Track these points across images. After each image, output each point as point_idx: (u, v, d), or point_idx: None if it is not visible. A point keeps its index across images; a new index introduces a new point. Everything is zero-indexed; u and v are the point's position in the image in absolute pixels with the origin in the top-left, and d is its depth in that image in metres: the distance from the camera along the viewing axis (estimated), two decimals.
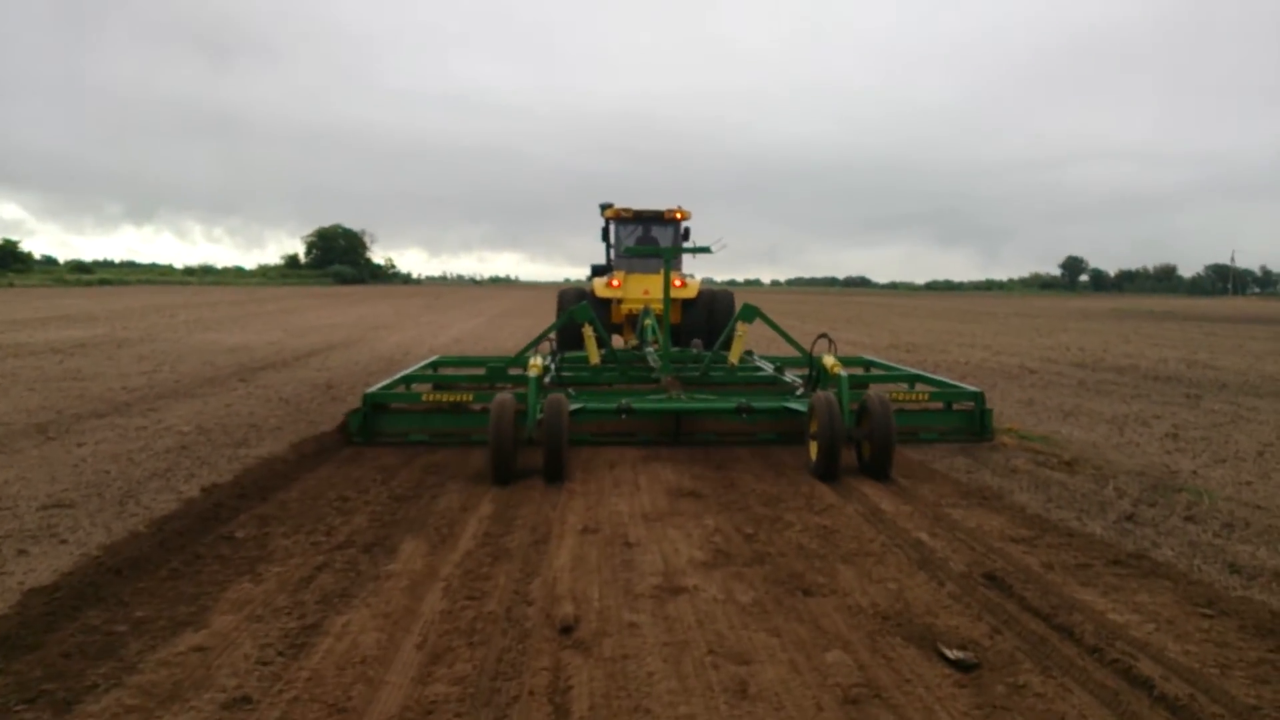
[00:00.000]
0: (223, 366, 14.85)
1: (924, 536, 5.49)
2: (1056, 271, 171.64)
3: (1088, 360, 19.11)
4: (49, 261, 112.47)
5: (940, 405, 9.54)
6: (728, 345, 10.07)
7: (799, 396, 8.78)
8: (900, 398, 9.26)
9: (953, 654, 3.74)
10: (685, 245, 15.18)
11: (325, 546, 5.22)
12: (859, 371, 11.62)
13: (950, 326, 33.35)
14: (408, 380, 10.23)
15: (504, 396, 7.30)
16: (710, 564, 4.98)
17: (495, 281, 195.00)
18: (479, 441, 8.06)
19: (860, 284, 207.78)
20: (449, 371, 11.82)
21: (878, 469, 7.28)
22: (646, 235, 16.38)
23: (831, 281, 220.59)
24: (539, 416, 7.29)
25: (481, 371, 10.94)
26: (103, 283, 77.18)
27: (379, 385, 9.42)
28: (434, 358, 12.65)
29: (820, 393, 7.54)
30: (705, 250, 11.40)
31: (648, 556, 5.09)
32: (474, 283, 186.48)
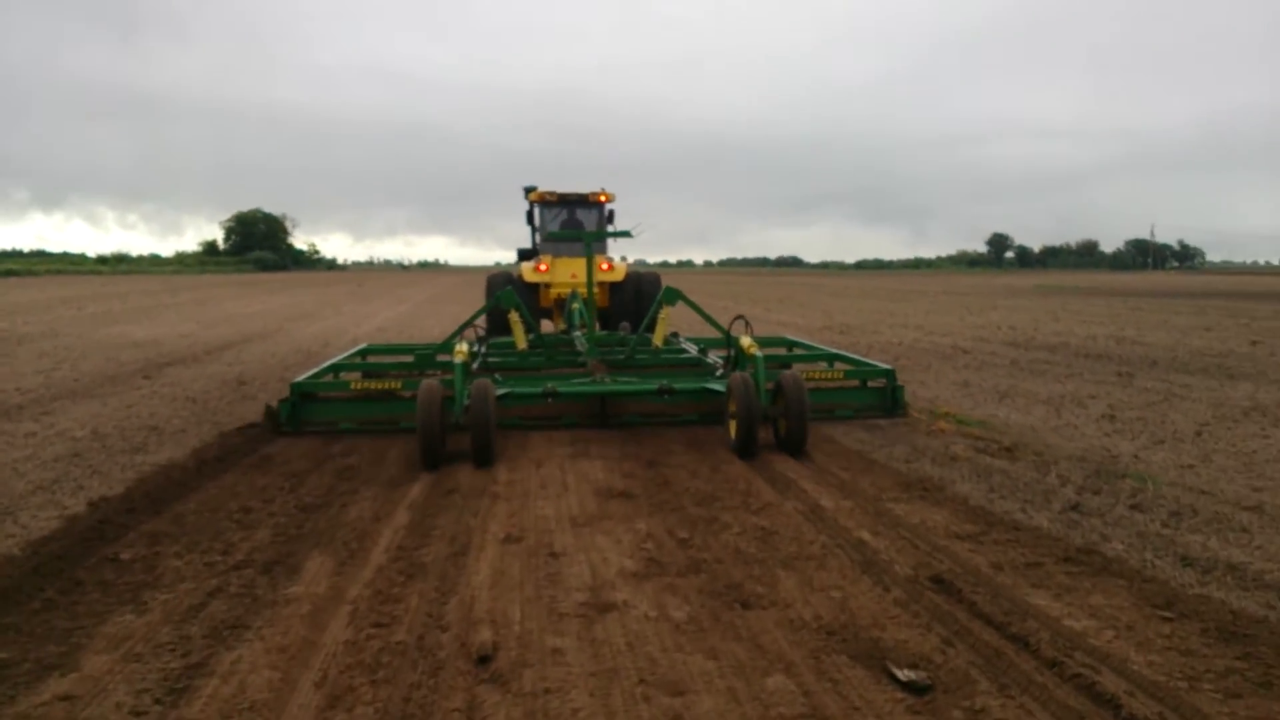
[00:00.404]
0: (128, 363, 14.01)
1: (866, 536, 5.22)
2: (983, 249, 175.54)
3: (1019, 339, 19.27)
4: None
5: (856, 383, 9.81)
6: (652, 328, 10.25)
7: (718, 377, 8.89)
8: (816, 376, 9.50)
9: (904, 675, 3.45)
10: (608, 229, 15.40)
11: (221, 567, 4.74)
12: (781, 352, 11.78)
13: (882, 306, 33.58)
14: (335, 369, 10.25)
15: (430, 383, 7.40)
16: (642, 575, 4.63)
17: (424, 266, 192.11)
18: (408, 429, 8.00)
19: (792, 264, 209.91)
20: (377, 360, 11.65)
21: (793, 445, 7.56)
22: (571, 218, 16.43)
23: (763, 262, 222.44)
24: (465, 402, 7.39)
25: (410, 359, 10.91)
26: (8, 274, 73.71)
27: (306, 374, 9.43)
28: (362, 346, 12.61)
29: (737, 373, 7.86)
30: (626, 234, 11.47)
31: (574, 568, 4.72)
32: (402, 268, 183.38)
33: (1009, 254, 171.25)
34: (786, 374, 7.96)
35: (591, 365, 9.56)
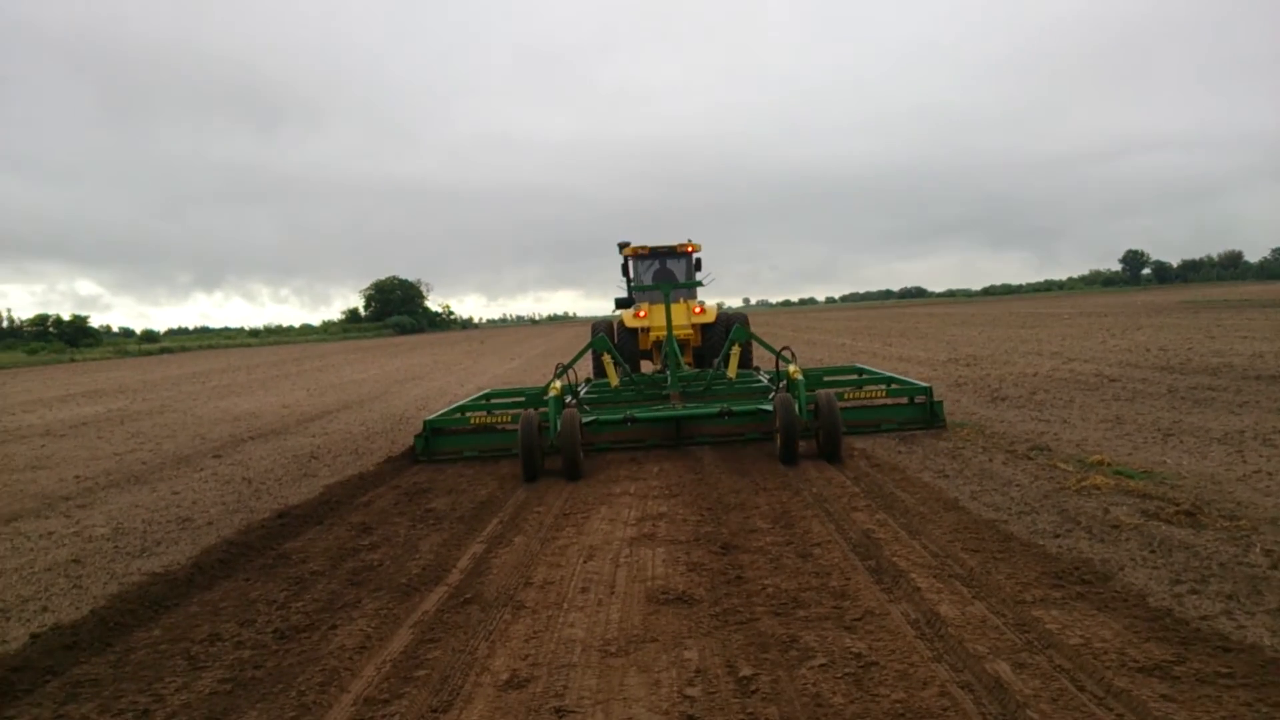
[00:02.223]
0: (212, 440, 13.56)
1: (1005, 670, 3.70)
2: (1117, 267, 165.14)
3: (1173, 362, 16.89)
4: (126, 334, 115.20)
5: (905, 400, 11.01)
6: (728, 362, 11.83)
7: (770, 399, 9.88)
8: (859, 395, 10.89)
9: None
10: (685, 280, 17.04)
11: None
12: (853, 377, 12.83)
13: (1012, 333, 31.01)
14: (462, 409, 11.83)
15: (529, 412, 9.10)
16: None
17: (553, 319, 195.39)
18: (515, 455, 9.45)
19: (916, 294, 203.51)
20: (498, 401, 12.99)
21: (830, 453, 8.82)
22: (662, 268, 17.47)
23: (887, 294, 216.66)
24: (558, 429, 8.89)
25: (521, 400, 12.50)
26: (163, 351, 78.19)
27: (438, 413, 11.49)
28: (486, 390, 14.79)
29: (779, 394, 9.23)
30: (698, 284, 14.82)
31: None
32: (532, 323, 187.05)
33: (1146, 270, 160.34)
34: (821, 393, 9.18)
35: (673, 397, 10.98)
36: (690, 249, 17.05)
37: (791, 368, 9.95)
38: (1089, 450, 8.56)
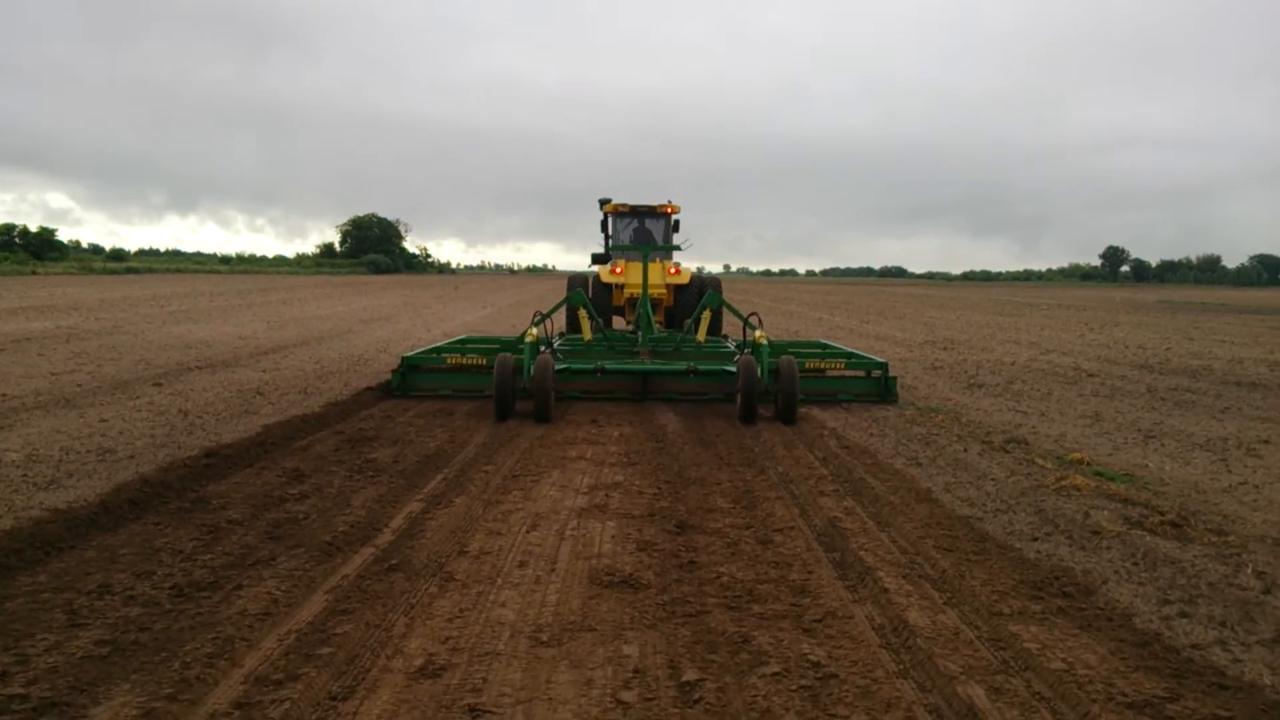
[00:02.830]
0: (157, 366, 12.93)
1: (978, 695, 3.30)
2: (1096, 262, 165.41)
3: (1152, 361, 16.67)
4: (95, 251, 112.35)
5: (862, 373, 11.45)
6: (699, 325, 12.41)
7: (735, 361, 10.16)
8: (822, 365, 11.40)
9: None
10: (663, 240, 17.13)
11: None
12: (817, 351, 12.90)
13: (990, 319, 30.80)
14: (438, 350, 12.04)
15: (505, 355, 9.64)
16: None
17: (532, 271, 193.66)
18: (489, 397, 9.84)
19: (896, 274, 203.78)
20: (473, 346, 12.78)
21: (786, 415, 9.36)
22: (641, 226, 17.38)
23: (867, 271, 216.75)
24: (531, 372, 9.38)
25: (497, 346, 12.30)
26: (128, 271, 76.37)
27: (415, 351, 12.07)
28: (462, 335, 15.29)
29: (743, 356, 9.82)
30: (676, 248, 15.00)
31: None
32: (510, 272, 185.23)
33: (1124, 268, 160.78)
34: (783, 359, 9.65)
35: (643, 354, 11.56)
36: (670, 210, 17.04)
37: (757, 333, 10.55)
38: (1068, 447, 8.23)
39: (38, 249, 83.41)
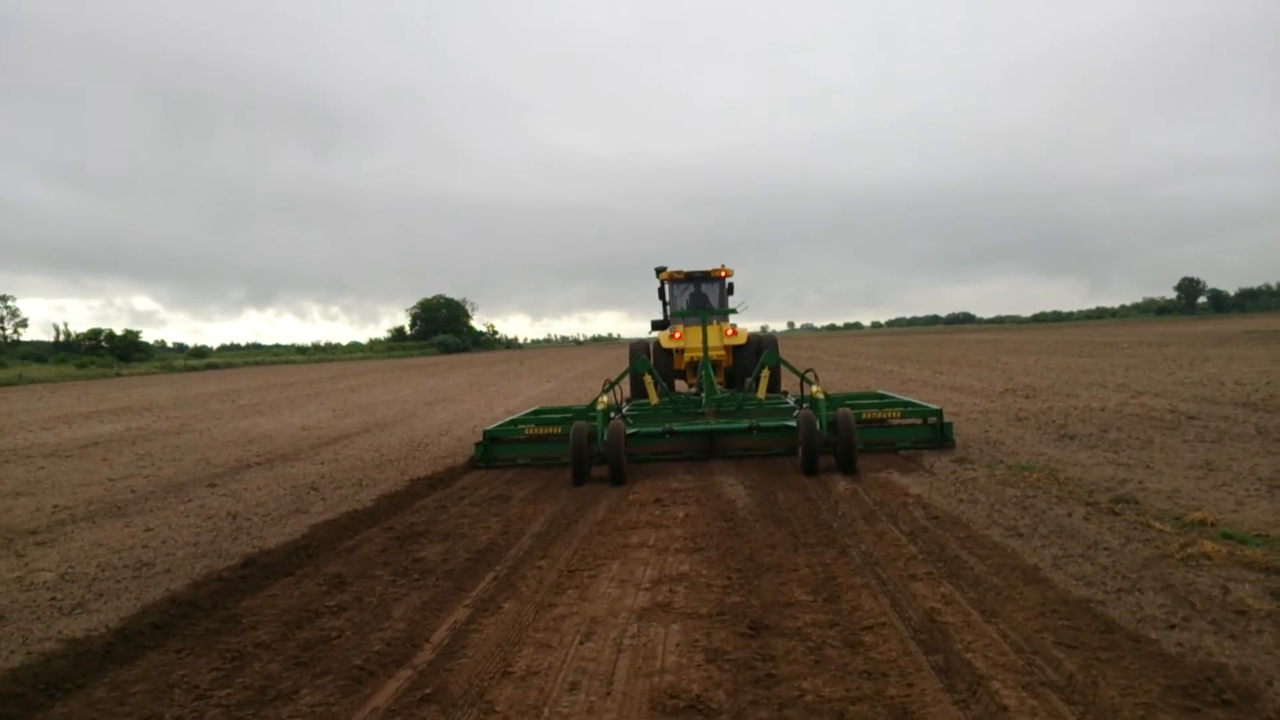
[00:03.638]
0: (215, 465, 12.76)
1: None
2: (1171, 294, 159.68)
3: (1253, 398, 15.40)
4: (180, 349, 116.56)
5: (918, 421, 11.63)
6: (759, 384, 12.66)
7: (795, 416, 10.71)
8: (878, 415, 11.60)
9: None
10: (718, 304, 17.46)
11: None
12: (874, 401, 13.23)
13: (1070, 362, 29.42)
14: (514, 422, 12.61)
15: (579, 424, 10.21)
16: None
17: (597, 340, 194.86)
18: (566, 464, 10.21)
19: (964, 320, 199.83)
20: (546, 416, 13.42)
21: (846, 465, 9.66)
22: (697, 291, 17.69)
23: (934, 320, 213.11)
24: (604, 438, 9.93)
25: (569, 415, 12.90)
26: (208, 367, 78.79)
27: (495, 424, 12.60)
28: (535, 407, 15.84)
29: (801, 410, 10.30)
30: (733, 311, 15.94)
31: None
32: (576, 343, 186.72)
33: (1201, 299, 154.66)
34: (840, 410, 10.08)
35: (708, 414, 11.88)
36: (724, 273, 17.43)
37: (815, 388, 11.05)
38: (1184, 505, 7.34)
39: (124, 351, 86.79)
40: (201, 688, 4.29)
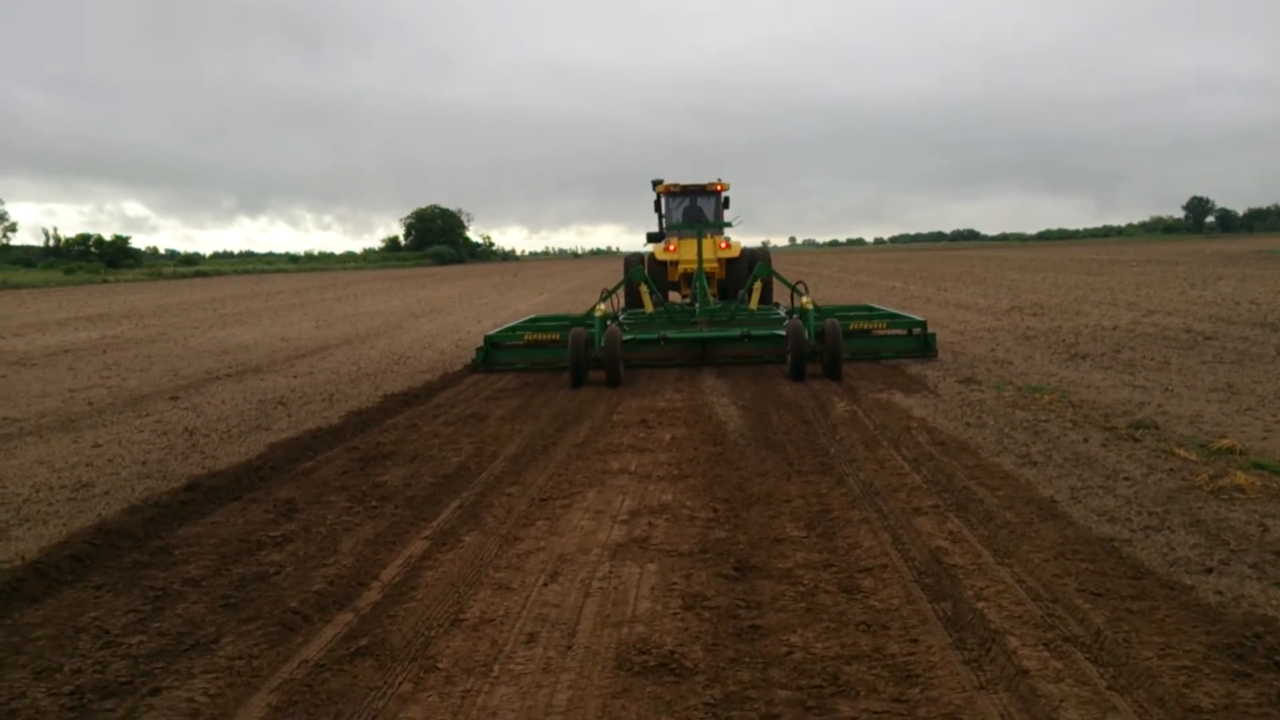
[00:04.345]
0: (183, 377, 12.20)
1: None
2: (1179, 214, 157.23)
3: (1271, 318, 14.87)
4: (170, 256, 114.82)
5: (903, 331, 12.19)
6: (751, 295, 13.08)
7: (784, 326, 10.89)
8: (865, 326, 12.22)
9: None
10: (714, 217, 17.50)
11: None
12: (863, 314, 13.43)
13: (1078, 280, 28.77)
14: (513, 329, 12.85)
15: (578, 329, 10.71)
16: None
17: (595, 254, 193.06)
18: (563, 368, 10.74)
19: (969, 237, 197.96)
20: (544, 324, 13.71)
21: (832, 372, 10.13)
22: (693, 205, 17.68)
23: (939, 236, 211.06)
24: (601, 343, 10.33)
25: (566, 322, 13.29)
26: (197, 274, 77.66)
27: (496, 329, 13.02)
28: (533, 315, 16.51)
29: (791, 320, 10.65)
30: (727, 225, 15.73)
31: None
32: (573, 256, 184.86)
33: (1210, 219, 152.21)
34: (828, 321, 10.41)
35: (701, 323, 12.23)
36: (720, 188, 17.50)
37: (804, 299, 11.28)
38: (1209, 431, 6.83)
39: (113, 257, 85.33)
40: (112, 633, 3.78)
